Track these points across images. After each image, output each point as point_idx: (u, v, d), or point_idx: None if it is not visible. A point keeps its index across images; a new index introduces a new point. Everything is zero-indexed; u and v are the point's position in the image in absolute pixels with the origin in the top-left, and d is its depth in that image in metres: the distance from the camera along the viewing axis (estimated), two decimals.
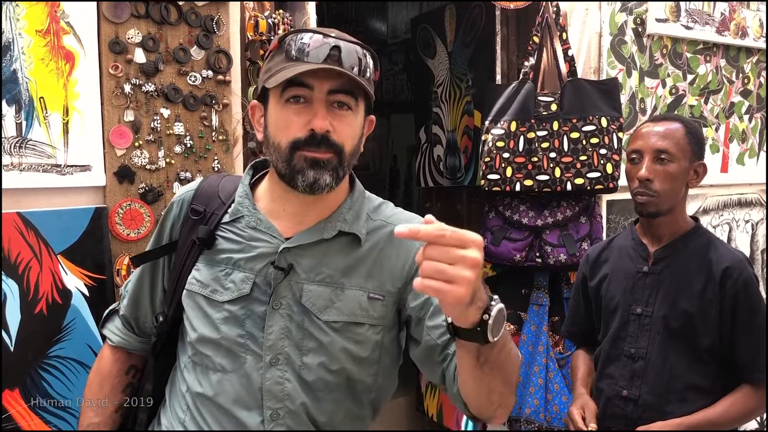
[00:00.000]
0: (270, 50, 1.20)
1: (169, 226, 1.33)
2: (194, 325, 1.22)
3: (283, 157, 1.15)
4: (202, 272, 1.24)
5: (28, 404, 1.69)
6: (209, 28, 1.94)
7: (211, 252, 1.24)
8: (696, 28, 2.79)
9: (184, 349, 1.27)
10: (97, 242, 1.79)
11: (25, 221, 1.68)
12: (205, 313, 1.21)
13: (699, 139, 1.75)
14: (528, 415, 2.40)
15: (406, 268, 1.23)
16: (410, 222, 1.14)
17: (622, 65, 2.62)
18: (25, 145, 1.69)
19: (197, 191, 1.31)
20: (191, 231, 1.26)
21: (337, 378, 1.20)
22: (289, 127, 1.14)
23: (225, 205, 1.26)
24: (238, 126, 2.01)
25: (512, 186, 2.38)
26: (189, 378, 1.24)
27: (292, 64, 1.13)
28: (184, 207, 1.31)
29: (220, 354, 1.19)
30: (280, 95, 1.15)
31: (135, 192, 1.85)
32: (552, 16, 2.46)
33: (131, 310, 1.38)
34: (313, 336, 1.18)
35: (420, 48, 3.46)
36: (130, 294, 1.38)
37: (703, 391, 1.69)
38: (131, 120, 1.84)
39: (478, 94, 2.97)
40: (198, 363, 1.22)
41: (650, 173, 1.69)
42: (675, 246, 1.76)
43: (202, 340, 1.21)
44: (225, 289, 1.20)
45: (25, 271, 1.69)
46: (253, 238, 1.22)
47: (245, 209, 1.24)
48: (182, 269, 1.26)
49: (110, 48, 1.80)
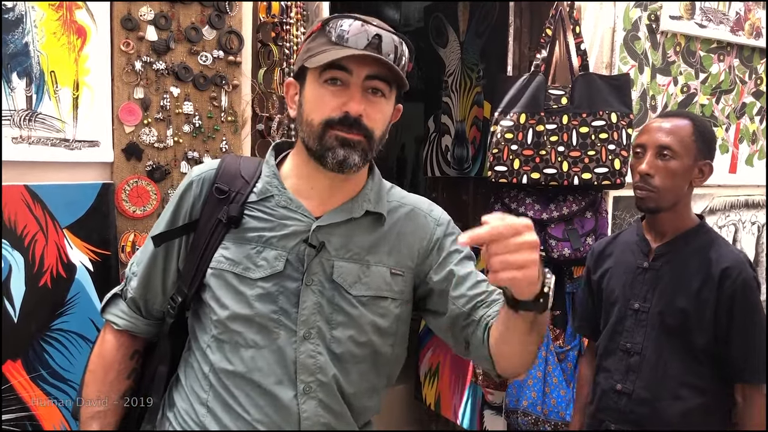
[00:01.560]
0: (312, 31, 1.24)
1: (189, 205, 1.30)
2: (224, 303, 1.22)
3: (315, 135, 1.19)
4: (231, 250, 1.24)
5: (29, 375, 1.70)
6: (222, 9, 1.93)
7: (239, 231, 1.25)
8: (710, 27, 2.77)
9: (204, 329, 1.26)
10: (103, 218, 1.80)
11: (32, 194, 1.69)
12: (236, 290, 1.22)
13: (707, 138, 1.74)
14: (525, 408, 2.41)
15: (423, 245, 1.32)
16: (420, 204, 1.37)
17: (635, 61, 2.60)
18: (34, 119, 1.70)
19: (219, 170, 1.29)
20: (215, 210, 1.26)
21: (363, 350, 1.26)
22: (324, 106, 1.19)
23: (249, 184, 1.27)
24: (247, 107, 2.01)
25: (519, 178, 2.37)
26: (214, 357, 1.23)
27: (333, 48, 1.17)
28: (205, 186, 1.29)
29: (253, 330, 1.21)
30: (319, 75, 1.19)
31: (142, 169, 1.85)
32: (566, 10, 2.45)
33: (141, 292, 1.34)
34: (343, 310, 1.24)
35: (432, 37, 3.45)
36: (140, 275, 1.33)
37: (696, 390, 1.70)
38: (141, 97, 1.84)
39: (489, 85, 2.96)
40: (226, 341, 1.23)
41: (651, 168, 1.69)
42: (676, 243, 1.75)
43: (234, 317, 1.21)
44: (257, 267, 1.22)
45: (30, 244, 1.70)
46: (284, 216, 1.24)
47: (274, 188, 1.26)
48: (206, 248, 1.25)
49: (122, 24, 1.80)
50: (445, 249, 1.33)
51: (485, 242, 0.94)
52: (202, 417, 1.24)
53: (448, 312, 1.29)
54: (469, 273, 1.31)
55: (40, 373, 1.72)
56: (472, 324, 1.26)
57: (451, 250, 1.33)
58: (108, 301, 1.39)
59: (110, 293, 1.40)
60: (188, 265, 1.28)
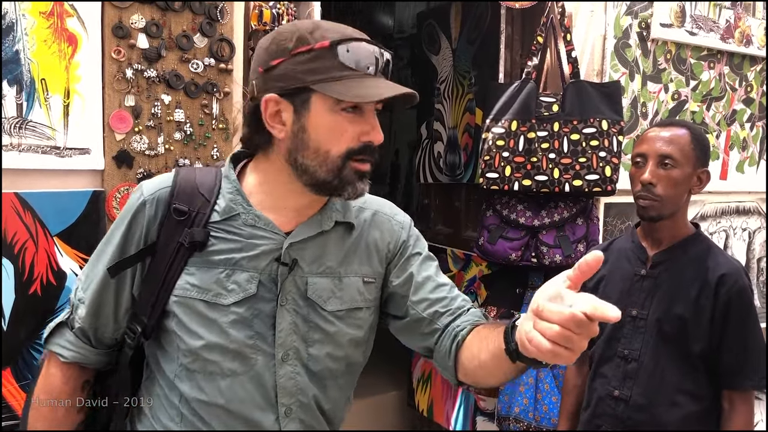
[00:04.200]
0: (311, 48, 1.10)
1: (143, 227, 1.18)
2: (195, 332, 1.15)
3: (333, 167, 1.12)
4: (197, 276, 1.16)
5: (19, 383, 1.70)
6: (213, 16, 1.94)
7: (204, 254, 1.16)
8: (700, 35, 2.79)
9: (170, 358, 1.19)
10: (94, 225, 1.80)
11: (23, 202, 1.69)
12: (207, 318, 1.15)
13: (704, 146, 1.76)
14: (517, 414, 2.41)
15: (390, 249, 1.30)
16: (383, 207, 1.34)
17: (626, 68, 2.62)
18: (25, 126, 1.70)
19: (175, 188, 1.19)
20: (174, 232, 1.16)
21: (340, 364, 1.23)
22: (343, 136, 1.12)
23: (210, 202, 1.18)
24: (238, 115, 2.01)
25: (510, 185, 2.38)
26: (184, 387, 1.17)
27: (354, 75, 1.11)
28: (161, 206, 1.18)
29: (228, 358, 1.15)
30: (336, 102, 1.10)
31: (133, 177, 1.86)
32: (557, 17, 2.46)
33: (90, 321, 1.21)
34: (319, 327, 1.20)
35: (424, 43, 3.46)
36: (89, 303, 1.21)
37: (693, 396, 1.70)
38: (132, 105, 1.84)
39: (481, 91, 2.97)
40: (198, 370, 1.16)
41: (653, 177, 1.70)
42: (674, 251, 1.76)
43: (209, 347, 1.14)
44: (228, 292, 1.15)
45: (20, 252, 1.69)
46: (252, 235, 1.17)
47: (239, 206, 1.18)
48: (167, 275, 1.16)
49: (113, 32, 1.80)
50: (407, 252, 1.31)
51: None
52: None
53: (408, 316, 1.27)
54: (429, 276, 1.29)
55: (30, 381, 1.71)
56: (436, 332, 1.25)
57: (413, 253, 1.32)
58: (52, 330, 1.25)
59: (54, 322, 1.26)
60: (146, 293, 1.18)
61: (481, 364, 1.14)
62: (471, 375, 1.20)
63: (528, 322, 0.89)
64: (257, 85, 1.14)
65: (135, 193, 1.21)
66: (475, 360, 1.16)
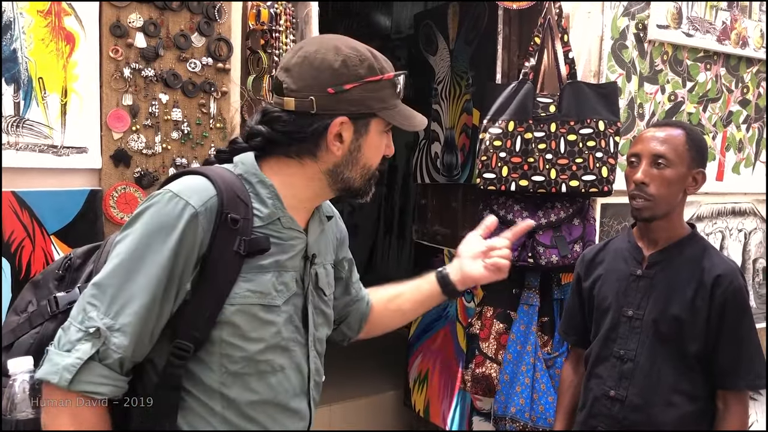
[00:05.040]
0: (381, 78, 1.24)
1: (197, 240, 1.14)
2: (253, 337, 1.18)
3: (367, 176, 1.29)
4: (254, 282, 1.18)
5: None
6: (211, 16, 1.94)
7: (254, 260, 1.18)
8: (697, 36, 2.80)
9: (210, 369, 1.18)
10: (91, 224, 1.79)
11: (20, 201, 1.69)
12: (264, 321, 1.19)
13: (700, 147, 1.75)
14: (513, 414, 2.41)
15: (339, 237, 1.49)
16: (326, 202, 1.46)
17: (622, 70, 2.62)
18: (22, 125, 1.70)
19: (223, 197, 1.17)
20: (227, 242, 1.15)
21: (326, 343, 1.39)
22: (380, 152, 1.30)
23: (249, 207, 1.20)
24: (236, 114, 2.01)
25: (507, 185, 2.39)
26: (233, 392, 1.18)
27: (399, 102, 1.29)
28: (213, 217, 1.15)
29: (278, 354, 1.23)
30: (385, 125, 1.28)
31: (130, 176, 1.86)
32: (554, 18, 2.46)
33: (132, 348, 1.11)
34: (322, 312, 1.34)
35: (422, 44, 3.47)
36: (133, 329, 1.10)
37: (689, 397, 1.71)
38: (129, 104, 1.84)
39: (478, 92, 2.97)
40: (250, 373, 1.19)
41: (646, 177, 1.70)
42: (670, 251, 1.77)
43: (266, 349, 1.20)
44: (278, 292, 1.22)
45: (17, 251, 1.69)
46: (290, 237, 1.25)
47: (278, 211, 1.23)
48: (222, 285, 1.16)
49: (111, 31, 1.80)
50: (345, 241, 1.51)
51: None
52: None
53: (349, 295, 1.53)
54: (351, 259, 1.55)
55: None
56: (352, 303, 1.54)
57: (346, 243, 1.53)
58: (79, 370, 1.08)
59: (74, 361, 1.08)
60: (198, 305, 1.15)
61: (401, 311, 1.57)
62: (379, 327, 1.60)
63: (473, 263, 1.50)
64: (321, 104, 1.20)
65: (172, 202, 1.14)
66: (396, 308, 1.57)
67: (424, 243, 3.41)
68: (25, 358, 1.17)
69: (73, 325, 1.10)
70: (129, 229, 1.15)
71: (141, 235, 1.13)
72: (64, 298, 1.22)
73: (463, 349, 2.88)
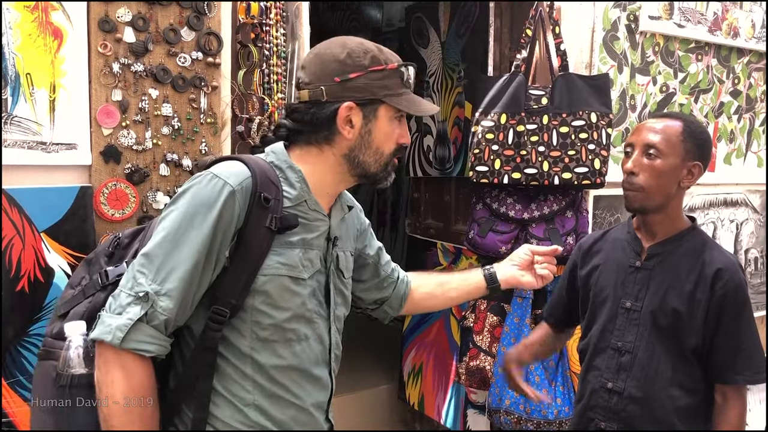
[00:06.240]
0: (384, 68, 1.37)
1: (234, 214, 1.28)
2: (282, 306, 1.33)
3: (383, 162, 1.42)
4: (284, 255, 1.34)
5: (7, 381, 1.69)
6: (200, 10, 1.92)
7: (284, 236, 1.34)
8: (688, 27, 2.80)
9: (241, 335, 1.32)
10: (82, 221, 1.78)
11: (9, 198, 1.67)
12: (292, 291, 1.34)
13: (698, 140, 1.73)
14: (507, 407, 2.42)
15: (360, 228, 1.63)
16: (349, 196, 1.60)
17: (614, 61, 2.62)
18: (10, 121, 1.68)
19: (257, 178, 1.31)
20: (260, 219, 1.30)
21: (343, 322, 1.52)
22: (392, 139, 1.41)
23: (279, 190, 1.35)
24: (227, 109, 2.00)
25: (500, 178, 2.38)
26: (262, 357, 1.33)
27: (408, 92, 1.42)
28: (247, 196, 1.29)
29: (303, 324, 1.37)
30: (395, 112, 1.40)
31: (121, 172, 1.84)
32: (546, 10, 2.46)
33: (177, 310, 1.25)
34: (341, 291, 1.50)
35: (413, 37, 3.45)
36: (179, 293, 1.24)
37: (687, 389, 1.70)
38: (119, 99, 1.82)
39: (470, 85, 2.96)
40: (277, 340, 1.34)
41: (636, 166, 1.70)
42: (669, 244, 1.76)
43: (293, 317, 1.35)
44: (304, 267, 1.36)
45: (7, 248, 1.68)
46: (315, 218, 1.40)
47: (305, 194, 1.38)
48: (256, 257, 1.30)
49: (99, 26, 1.78)
50: (366, 232, 1.67)
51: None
52: (253, 417, 1.33)
53: (378, 277, 1.70)
54: (381, 246, 1.73)
55: (18, 379, 1.70)
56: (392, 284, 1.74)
57: (370, 231, 1.69)
58: (130, 330, 1.21)
59: (126, 322, 1.21)
60: (234, 275, 1.30)
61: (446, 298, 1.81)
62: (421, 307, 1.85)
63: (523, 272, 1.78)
64: (330, 92, 1.35)
65: (213, 182, 1.28)
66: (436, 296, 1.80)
67: (416, 236, 3.41)
68: (79, 323, 1.31)
69: (123, 292, 1.24)
70: (173, 205, 1.29)
71: (185, 211, 1.27)
72: (113, 272, 1.36)
73: (458, 342, 2.88)
